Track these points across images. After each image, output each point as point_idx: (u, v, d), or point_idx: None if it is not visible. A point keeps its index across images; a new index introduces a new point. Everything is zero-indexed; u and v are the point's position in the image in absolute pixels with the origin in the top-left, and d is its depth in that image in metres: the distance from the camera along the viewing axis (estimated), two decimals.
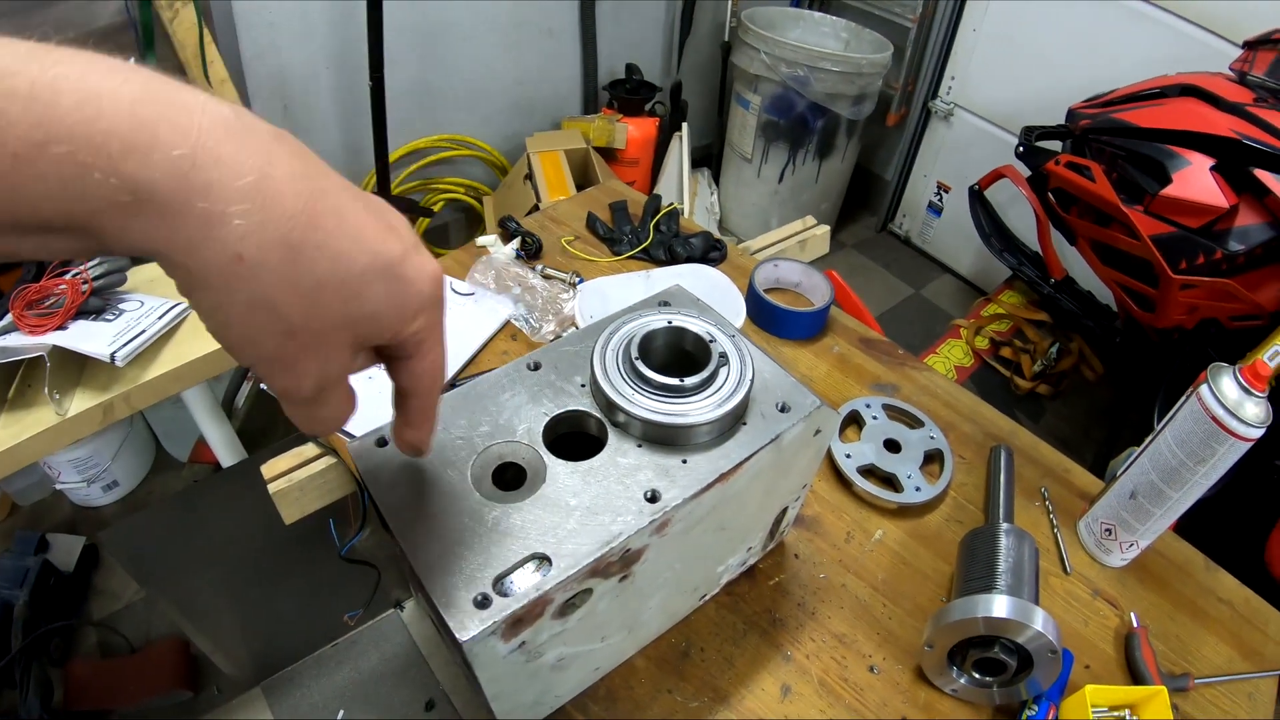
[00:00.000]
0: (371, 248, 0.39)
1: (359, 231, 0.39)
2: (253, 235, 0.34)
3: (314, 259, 0.37)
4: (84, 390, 1.22)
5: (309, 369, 0.40)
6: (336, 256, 0.38)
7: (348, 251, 0.38)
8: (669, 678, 0.84)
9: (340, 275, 0.38)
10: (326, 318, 0.39)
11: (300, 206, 0.36)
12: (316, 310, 0.38)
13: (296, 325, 0.38)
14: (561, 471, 0.62)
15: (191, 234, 0.33)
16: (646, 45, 3.23)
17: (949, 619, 0.79)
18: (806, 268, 1.33)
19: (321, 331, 0.39)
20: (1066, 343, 2.78)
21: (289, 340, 0.38)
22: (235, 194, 0.34)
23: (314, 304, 0.38)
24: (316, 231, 0.37)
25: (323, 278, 0.37)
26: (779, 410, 0.69)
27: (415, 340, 0.44)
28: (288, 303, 0.37)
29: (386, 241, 0.40)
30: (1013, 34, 2.89)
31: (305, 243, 0.36)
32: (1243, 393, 0.84)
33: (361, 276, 0.39)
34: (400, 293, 0.41)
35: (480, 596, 0.54)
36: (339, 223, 0.38)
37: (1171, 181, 1.81)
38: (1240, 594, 1.04)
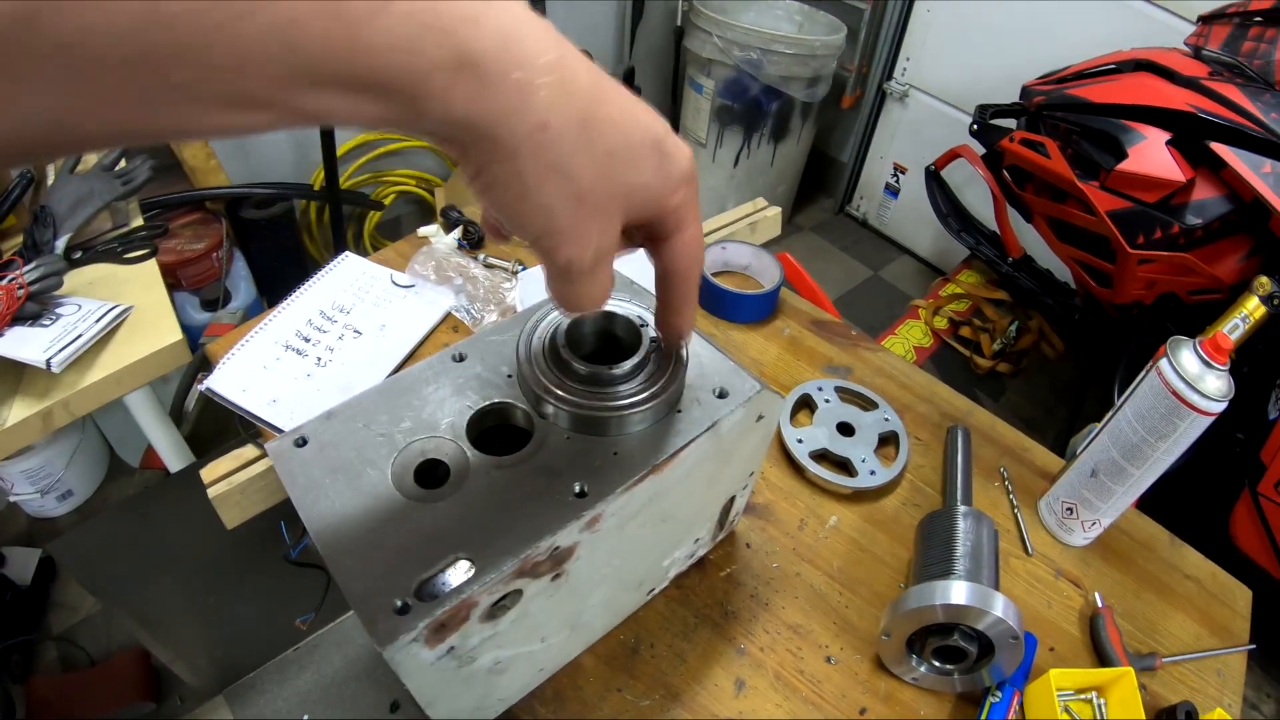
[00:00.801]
0: (644, 124, 0.43)
1: (634, 109, 0.42)
2: (557, 105, 0.38)
3: (603, 130, 0.40)
4: (22, 399, 1.18)
5: (591, 237, 0.43)
6: (620, 129, 0.41)
7: (628, 126, 0.42)
8: (618, 676, 0.81)
9: (622, 146, 0.41)
10: (610, 185, 0.42)
11: (590, 83, 0.40)
12: (603, 178, 0.41)
13: (585, 191, 0.41)
14: (486, 467, 0.59)
15: (507, 101, 0.36)
16: (598, 31, 3.19)
17: (906, 607, 0.77)
18: (756, 249, 1.30)
19: (605, 198, 0.42)
20: (1026, 321, 2.79)
21: (578, 207, 0.41)
22: (543, 68, 0.37)
23: (601, 172, 0.41)
24: (605, 106, 0.40)
25: (610, 147, 0.41)
26: (716, 396, 0.66)
27: (676, 215, 0.48)
28: (581, 169, 0.40)
29: (654, 120, 0.44)
30: (967, 13, 2.88)
31: (596, 116, 0.39)
32: (1204, 366, 0.82)
33: (639, 148, 0.42)
34: (666, 165, 0.45)
35: (400, 603, 0.50)
36: (620, 100, 0.41)
37: (1127, 156, 1.80)
38: (1206, 569, 1.03)
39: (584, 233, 0.43)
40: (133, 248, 1.34)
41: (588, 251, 0.44)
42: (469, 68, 0.35)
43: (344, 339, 1.12)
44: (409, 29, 0.33)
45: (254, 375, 1.07)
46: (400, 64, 0.33)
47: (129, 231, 1.40)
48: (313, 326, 1.14)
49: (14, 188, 1.36)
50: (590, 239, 0.43)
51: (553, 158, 0.39)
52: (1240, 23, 1.85)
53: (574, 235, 0.43)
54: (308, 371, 1.08)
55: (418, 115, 0.36)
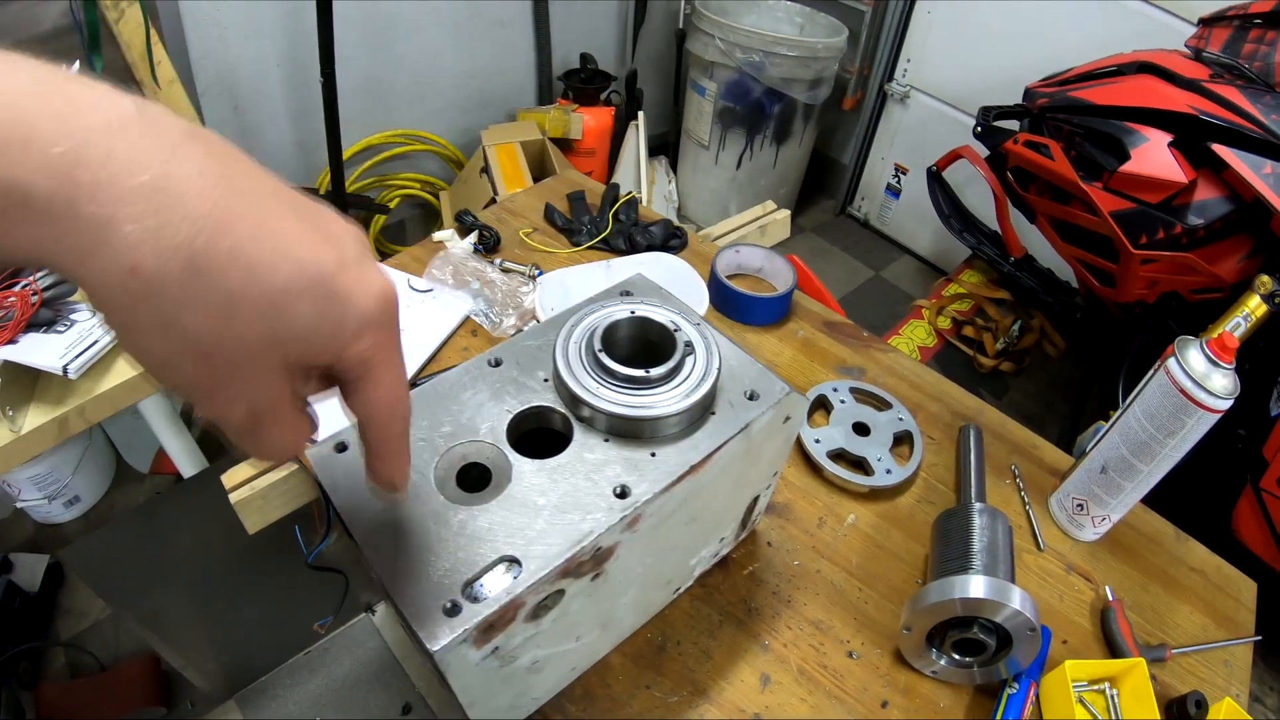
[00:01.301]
0: (297, 258, 0.35)
1: (281, 239, 0.34)
2: (148, 242, 0.30)
3: (224, 270, 0.32)
4: (37, 405, 1.18)
5: (235, 395, 0.36)
6: (252, 267, 0.33)
7: (266, 261, 0.34)
8: (646, 673, 0.82)
9: (257, 290, 0.34)
10: (245, 338, 0.34)
11: (207, 209, 0.32)
12: (231, 330, 0.34)
13: (210, 347, 0.34)
14: (527, 470, 0.60)
15: (79, 241, 0.30)
16: (601, 34, 3.20)
17: (926, 601, 0.79)
18: (768, 253, 1.32)
19: (241, 354, 0.35)
20: (1028, 320, 2.80)
21: (205, 364, 0.34)
22: (128, 195, 0.30)
23: (228, 323, 0.33)
24: (226, 238, 0.32)
25: (235, 292, 0.33)
26: (747, 398, 0.67)
27: (361, 364, 0.40)
28: (196, 321, 0.33)
29: (317, 251, 0.36)
30: (968, 15, 2.90)
31: (213, 251, 0.32)
32: (1210, 365, 0.84)
33: (284, 291, 0.34)
34: (334, 310, 0.37)
35: (450, 604, 0.52)
36: (257, 228, 0.34)
37: (1130, 158, 1.82)
38: (1211, 562, 1.05)
39: (221, 391, 0.36)
40: None
41: (234, 409, 0.37)
42: (22, 205, 0.29)
43: None
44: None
45: None
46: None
47: None
48: None
49: None
50: (233, 398, 0.37)
51: (153, 309, 0.32)
52: (1240, 25, 1.86)
53: (209, 395, 0.36)
54: None
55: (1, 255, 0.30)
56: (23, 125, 0.28)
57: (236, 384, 0.36)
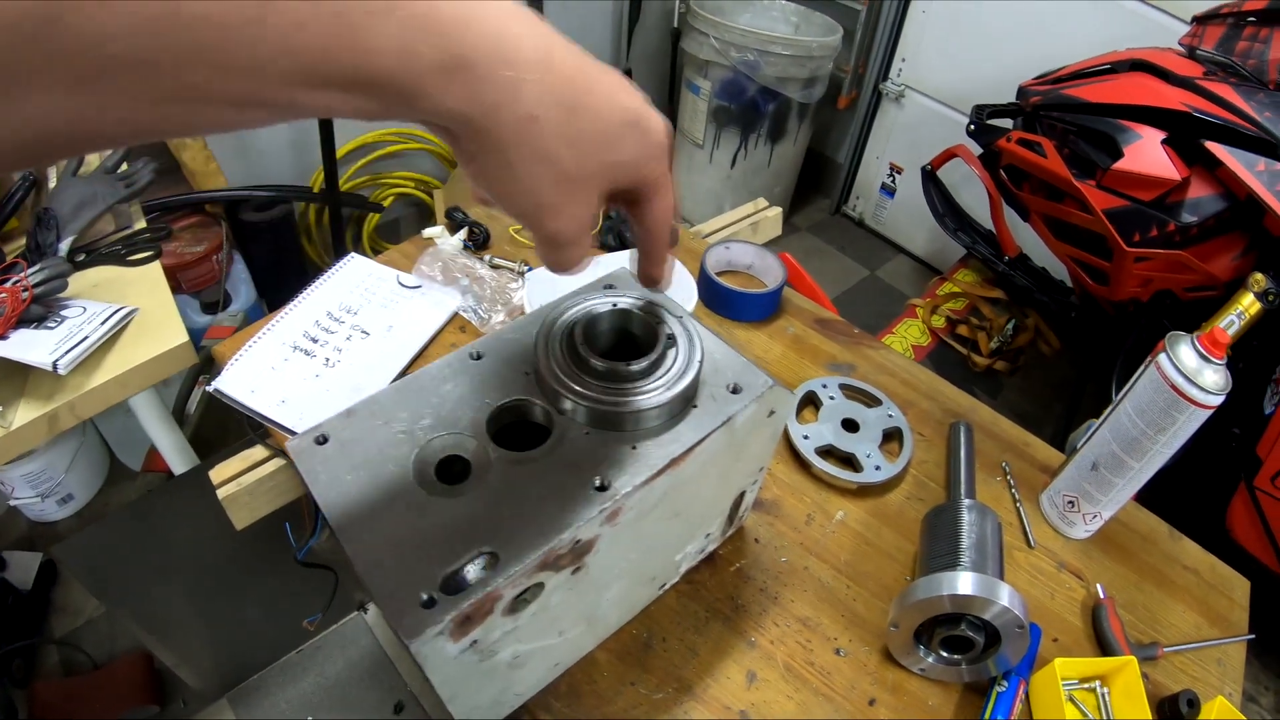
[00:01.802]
0: (622, 105, 0.46)
1: (613, 92, 0.45)
2: (544, 98, 0.41)
3: (588, 117, 0.43)
4: (28, 401, 1.18)
5: (575, 211, 0.47)
6: (602, 115, 0.44)
7: (610, 110, 0.45)
8: (632, 670, 0.82)
9: (603, 129, 0.45)
10: (592, 166, 0.45)
11: (574, 73, 0.43)
12: (585, 160, 0.45)
13: (570, 173, 0.44)
14: (507, 463, 0.60)
15: (497, 97, 0.39)
16: (595, 32, 3.20)
17: (914, 598, 0.79)
18: (759, 249, 1.31)
19: (587, 177, 0.46)
20: (1022, 319, 2.80)
21: (562, 187, 0.45)
22: (531, 64, 0.40)
23: (584, 154, 0.44)
24: (589, 94, 0.43)
25: (591, 132, 0.44)
26: (730, 392, 0.67)
27: (652, 183, 0.51)
28: (565, 154, 0.43)
29: (632, 98, 0.47)
30: (962, 14, 2.89)
31: (579, 104, 0.43)
32: (1201, 360, 0.83)
33: (618, 129, 0.46)
34: (643, 140, 0.48)
35: (427, 597, 0.51)
36: (600, 86, 0.44)
37: (1123, 155, 1.82)
38: (1205, 561, 1.04)
39: (568, 209, 0.46)
40: (136, 250, 1.34)
41: (571, 224, 0.47)
42: (462, 69, 0.37)
43: (352, 340, 1.13)
44: (406, 33, 0.35)
45: (262, 376, 1.07)
46: (397, 66, 0.36)
47: (132, 234, 1.40)
48: (320, 327, 1.14)
49: (16, 190, 1.35)
50: (574, 214, 0.47)
51: (540, 147, 0.42)
52: (1234, 23, 1.86)
53: (558, 212, 0.46)
54: (316, 372, 1.08)
55: (413, 110, 0.38)
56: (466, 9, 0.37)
57: (579, 201, 0.47)
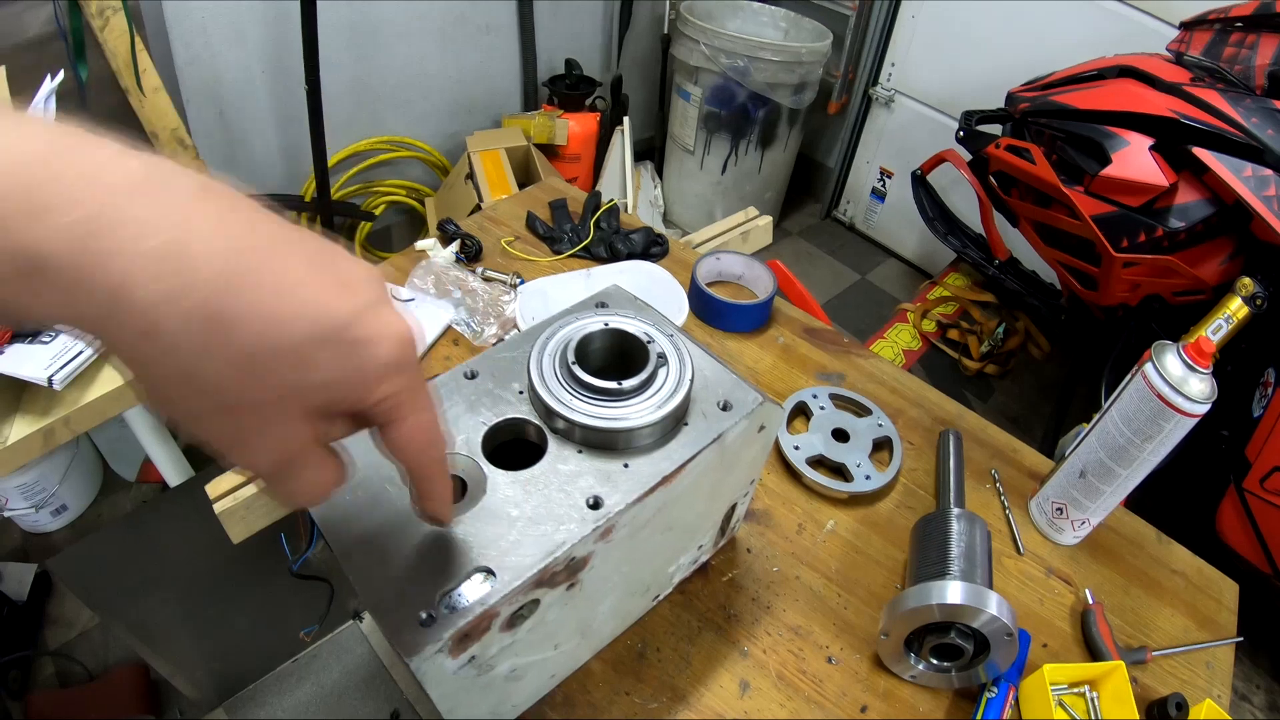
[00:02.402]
0: (312, 311, 0.35)
1: (298, 290, 0.35)
2: (165, 304, 0.31)
3: (242, 326, 0.33)
4: (23, 416, 1.18)
5: (260, 445, 0.37)
6: (270, 321, 0.34)
7: (285, 314, 0.34)
8: (626, 680, 0.83)
9: (275, 343, 0.34)
10: (267, 390, 0.35)
11: (221, 268, 0.32)
12: (253, 383, 0.34)
13: (232, 400, 0.35)
14: (502, 481, 0.61)
15: (96, 306, 0.30)
16: (586, 39, 3.21)
17: (904, 607, 0.79)
18: (748, 259, 1.32)
19: (264, 404, 0.36)
20: (1013, 322, 2.82)
21: (228, 416, 0.35)
22: (142, 259, 0.30)
23: (249, 376, 0.34)
24: (242, 296, 0.33)
25: (254, 347, 0.34)
26: (721, 409, 0.68)
27: (387, 408, 0.40)
28: (218, 376, 0.33)
29: (333, 300, 0.36)
30: (951, 19, 2.91)
31: (228, 310, 0.32)
32: (1187, 369, 0.84)
33: (304, 342, 0.35)
34: (353, 358, 0.37)
35: (425, 615, 0.52)
36: (272, 283, 0.34)
37: (1111, 162, 1.83)
38: (1193, 564, 1.05)
39: (246, 441, 0.37)
40: None
41: (261, 457, 0.38)
42: (44, 271, 0.29)
43: None
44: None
45: None
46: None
47: None
48: None
49: None
50: (259, 447, 0.37)
51: (177, 368, 0.33)
52: (1221, 29, 1.88)
53: (234, 444, 0.37)
54: None
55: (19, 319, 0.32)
56: (36, 192, 0.29)
57: (261, 435, 0.37)
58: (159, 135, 2.04)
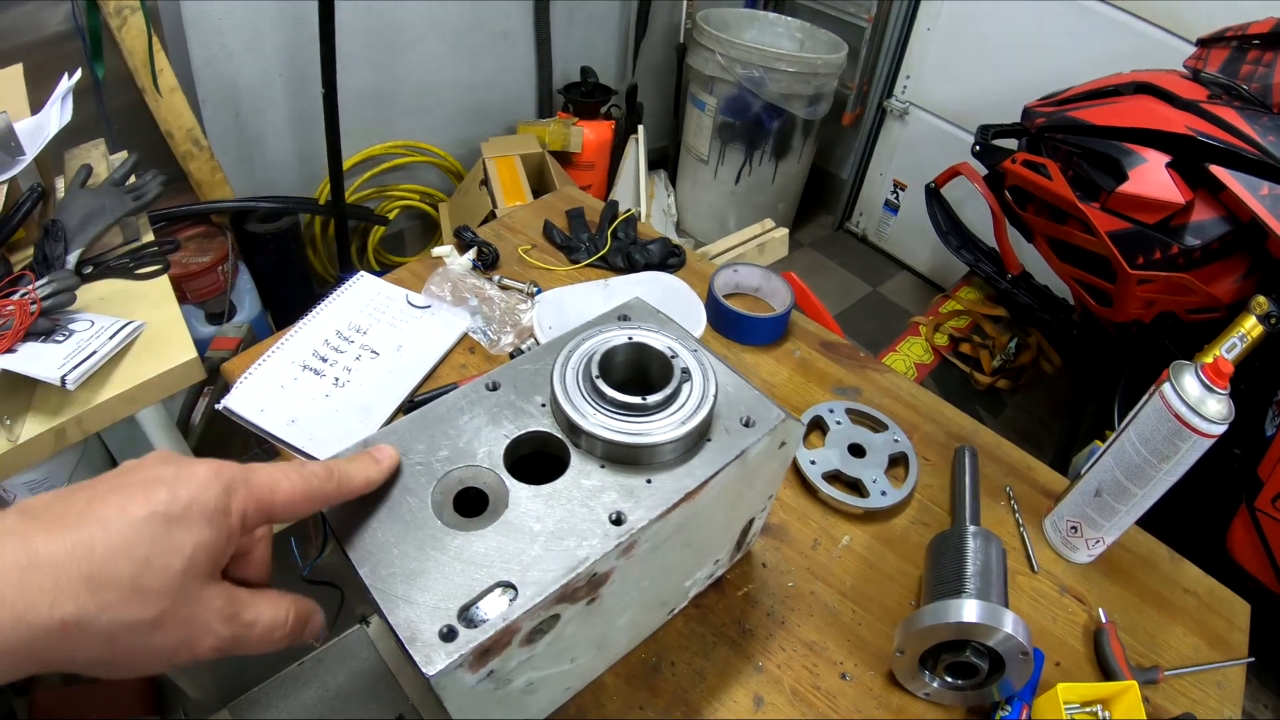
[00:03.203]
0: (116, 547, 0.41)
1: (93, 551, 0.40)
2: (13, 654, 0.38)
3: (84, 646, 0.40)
4: (35, 415, 1.18)
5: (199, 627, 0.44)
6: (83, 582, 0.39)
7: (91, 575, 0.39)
8: (640, 694, 0.83)
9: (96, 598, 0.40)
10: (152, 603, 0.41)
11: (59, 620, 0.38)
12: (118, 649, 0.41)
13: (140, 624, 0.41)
14: (524, 495, 0.61)
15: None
16: (601, 48, 3.22)
17: (919, 625, 0.79)
18: (766, 272, 1.32)
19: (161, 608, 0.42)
20: (1025, 337, 2.81)
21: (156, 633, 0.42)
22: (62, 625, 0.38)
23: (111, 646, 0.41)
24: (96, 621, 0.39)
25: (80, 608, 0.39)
26: (743, 425, 0.68)
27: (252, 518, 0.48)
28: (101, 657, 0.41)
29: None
30: (967, 32, 2.91)
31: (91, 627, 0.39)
32: (1205, 390, 0.84)
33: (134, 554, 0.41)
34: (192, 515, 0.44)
35: (446, 629, 0.52)
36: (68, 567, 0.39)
37: (1127, 178, 1.83)
38: (1205, 584, 1.05)
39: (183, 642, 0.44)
40: (144, 263, 1.33)
41: (213, 640, 0.45)
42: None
43: (361, 359, 1.14)
44: None
45: (272, 395, 1.08)
46: None
47: (140, 247, 1.39)
48: (329, 346, 1.15)
49: (24, 201, 1.33)
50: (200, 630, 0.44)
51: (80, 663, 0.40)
52: (1239, 46, 1.87)
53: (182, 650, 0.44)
54: (325, 392, 1.09)
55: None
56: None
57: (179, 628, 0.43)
58: (174, 135, 2.05)
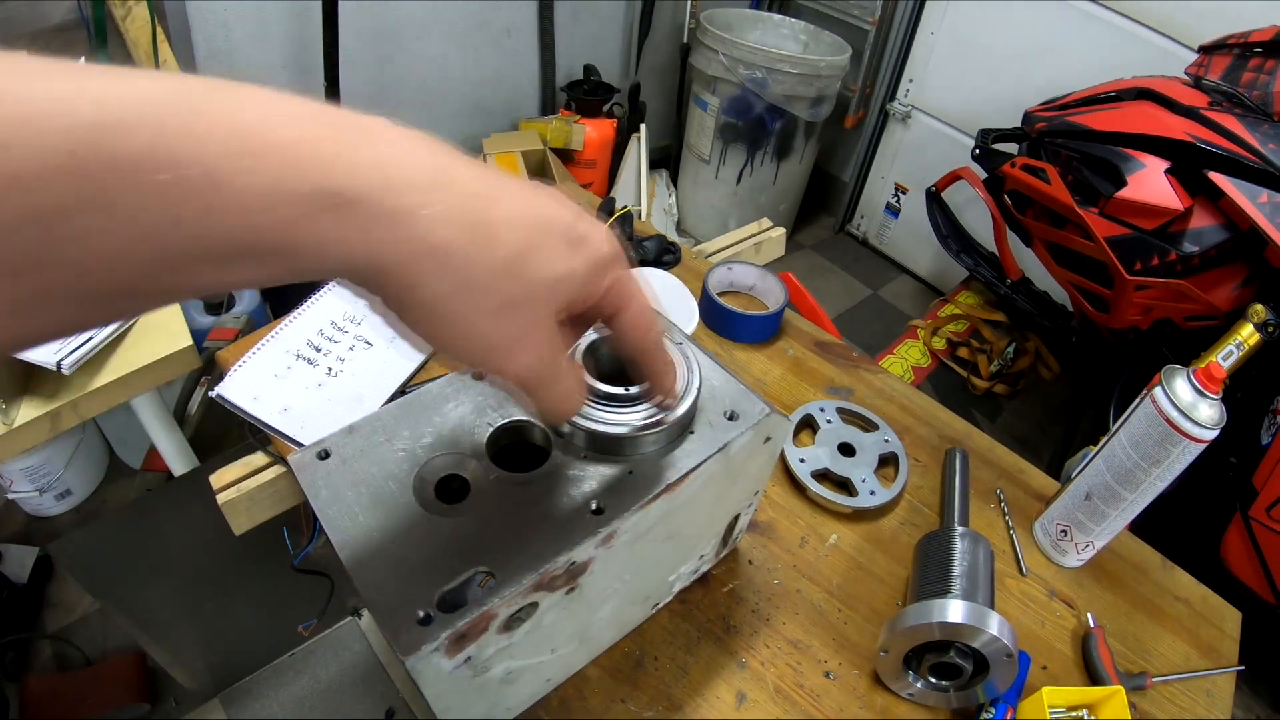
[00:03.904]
0: (546, 215, 0.41)
1: (531, 203, 0.40)
2: (442, 221, 0.36)
3: (501, 233, 0.38)
4: (31, 399, 1.18)
5: (532, 342, 0.42)
6: (518, 227, 0.39)
7: (527, 221, 0.40)
8: (622, 687, 0.83)
9: (528, 243, 0.39)
10: (528, 286, 0.40)
11: (476, 187, 0.38)
12: (517, 281, 0.39)
13: (504, 299, 0.39)
14: (506, 483, 0.61)
15: (389, 233, 0.35)
16: (605, 46, 3.21)
17: (904, 624, 0.79)
18: (761, 270, 1.32)
19: (528, 301, 0.40)
20: (1023, 342, 2.81)
21: (504, 317, 0.39)
22: (421, 186, 0.35)
23: (513, 275, 0.39)
24: (498, 206, 0.38)
25: (514, 248, 0.39)
26: (727, 418, 0.68)
27: (611, 297, 0.46)
28: (490, 279, 0.38)
29: (558, 208, 0.42)
30: (970, 37, 2.91)
31: (490, 218, 0.38)
32: (1196, 395, 0.84)
33: (546, 241, 0.40)
34: (584, 251, 0.42)
35: (423, 613, 0.52)
36: (513, 196, 0.40)
37: (1126, 184, 1.83)
38: (1197, 592, 1.05)
39: (522, 341, 0.41)
40: None
41: (535, 358, 0.42)
42: (344, 206, 0.33)
43: (355, 350, 1.14)
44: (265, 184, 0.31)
45: (265, 384, 1.08)
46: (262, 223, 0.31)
47: None
48: (324, 337, 1.15)
49: None
50: (531, 345, 0.42)
51: (456, 277, 0.37)
52: (1240, 53, 1.87)
53: (513, 347, 0.41)
54: (319, 381, 1.09)
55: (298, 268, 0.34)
56: (329, 141, 0.33)
57: (531, 329, 0.41)
58: None
